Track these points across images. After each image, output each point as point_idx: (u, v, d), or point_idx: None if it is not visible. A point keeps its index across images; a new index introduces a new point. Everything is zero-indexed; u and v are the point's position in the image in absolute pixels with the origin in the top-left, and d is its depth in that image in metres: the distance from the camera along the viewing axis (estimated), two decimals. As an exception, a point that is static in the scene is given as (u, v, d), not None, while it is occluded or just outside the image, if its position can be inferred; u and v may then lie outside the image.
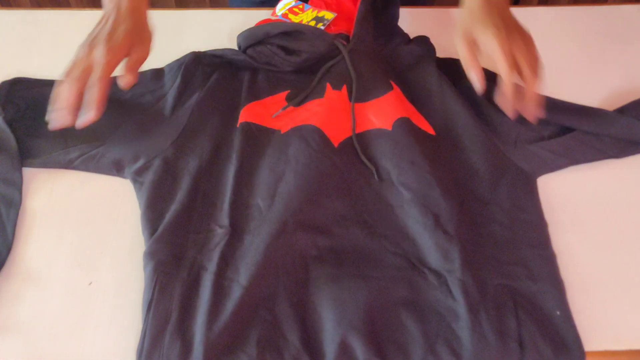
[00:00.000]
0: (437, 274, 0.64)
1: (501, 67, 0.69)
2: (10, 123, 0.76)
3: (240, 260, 0.64)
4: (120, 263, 0.67)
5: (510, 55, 0.69)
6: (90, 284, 0.65)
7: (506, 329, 0.60)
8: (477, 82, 0.71)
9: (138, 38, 0.74)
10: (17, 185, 0.72)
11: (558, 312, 0.62)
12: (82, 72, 0.70)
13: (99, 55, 0.70)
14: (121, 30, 0.72)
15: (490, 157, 0.73)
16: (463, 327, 0.60)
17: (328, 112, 0.76)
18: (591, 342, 0.60)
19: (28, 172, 0.74)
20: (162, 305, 0.61)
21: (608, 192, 0.73)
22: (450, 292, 0.62)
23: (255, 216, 0.68)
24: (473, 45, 0.72)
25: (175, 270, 0.64)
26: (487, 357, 0.58)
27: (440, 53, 0.85)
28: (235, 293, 0.61)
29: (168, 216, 0.68)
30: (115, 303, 0.64)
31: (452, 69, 0.80)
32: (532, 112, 0.72)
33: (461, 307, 0.61)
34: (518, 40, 0.70)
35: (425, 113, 0.78)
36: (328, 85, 0.79)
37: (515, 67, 0.69)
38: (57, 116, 0.69)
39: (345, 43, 0.82)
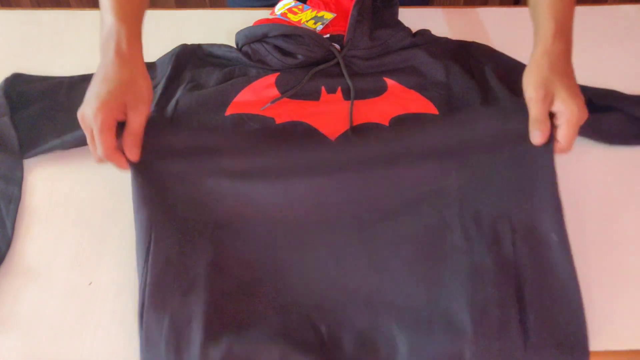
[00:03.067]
0: (438, 210, 0.67)
1: (563, 139, 0.66)
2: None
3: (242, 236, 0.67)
4: (120, 263, 0.67)
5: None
6: (90, 284, 0.65)
7: (503, 257, 0.62)
8: (538, 141, 0.67)
9: (131, 95, 0.65)
10: (18, 183, 0.73)
11: (555, 237, 0.63)
12: (88, 134, 0.65)
13: (89, 116, 0.63)
14: (108, 88, 0.64)
15: (490, 131, 0.72)
16: (463, 260, 0.63)
17: (323, 112, 0.78)
18: (591, 342, 0.60)
19: (29, 172, 0.74)
20: (161, 252, 0.63)
21: (608, 193, 0.73)
22: (449, 226, 0.66)
23: (258, 201, 0.69)
24: (548, 104, 0.67)
25: (169, 231, 0.65)
26: (488, 280, 0.61)
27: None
28: (238, 252, 0.65)
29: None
30: (115, 303, 0.64)
31: (462, 50, 0.83)
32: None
33: (458, 238, 0.64)
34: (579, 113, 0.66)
35: (428, 95, 0.80)
36: (323, 89, 0.80)
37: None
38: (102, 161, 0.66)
39: (339, 50, 0.82)
